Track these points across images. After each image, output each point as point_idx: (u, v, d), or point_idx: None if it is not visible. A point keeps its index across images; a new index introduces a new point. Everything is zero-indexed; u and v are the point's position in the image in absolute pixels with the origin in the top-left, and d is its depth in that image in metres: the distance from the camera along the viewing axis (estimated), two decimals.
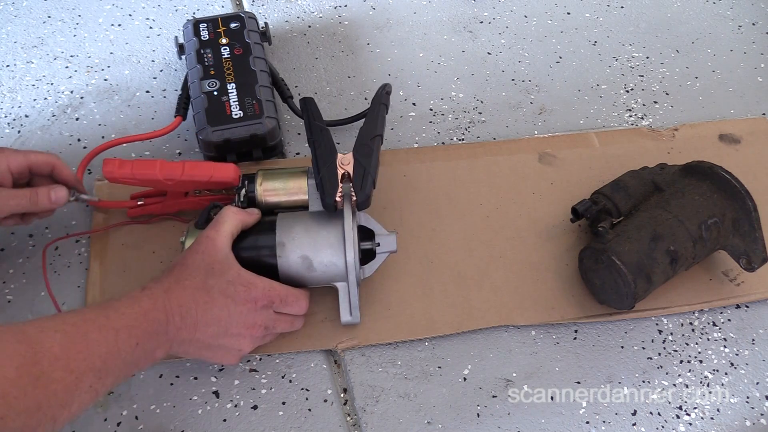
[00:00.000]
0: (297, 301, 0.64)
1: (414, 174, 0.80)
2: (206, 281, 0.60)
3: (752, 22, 1.00)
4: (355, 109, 0.85)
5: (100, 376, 0.51)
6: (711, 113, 0.89)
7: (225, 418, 0.65)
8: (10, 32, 0.93)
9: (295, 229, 0.65)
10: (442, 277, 0.73)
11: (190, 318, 0.58)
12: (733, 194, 0.68)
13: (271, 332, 0.65)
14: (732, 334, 0.71)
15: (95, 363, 0.50)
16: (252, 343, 0.63)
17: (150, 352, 0.56)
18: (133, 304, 0.55)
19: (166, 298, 0.57)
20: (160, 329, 0.56)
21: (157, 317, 0.56)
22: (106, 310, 0.54)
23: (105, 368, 0.51)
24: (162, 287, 0.58)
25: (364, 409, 0.66)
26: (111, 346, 0.52)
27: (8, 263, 0.72)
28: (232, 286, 0.60)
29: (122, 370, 0.54)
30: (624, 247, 0.65)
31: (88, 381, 0.50)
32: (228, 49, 0.82)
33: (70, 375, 0.48)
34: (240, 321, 0.61)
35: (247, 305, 0.61)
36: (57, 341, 0.49)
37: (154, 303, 0.56)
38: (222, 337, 0.61)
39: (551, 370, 0.68)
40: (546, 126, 0.87)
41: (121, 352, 0.52)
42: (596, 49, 0.95)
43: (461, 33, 0.96)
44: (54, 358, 0.48)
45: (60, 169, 0.68)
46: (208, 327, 0.59)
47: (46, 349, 0.48)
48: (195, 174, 0.70)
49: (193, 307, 0.58)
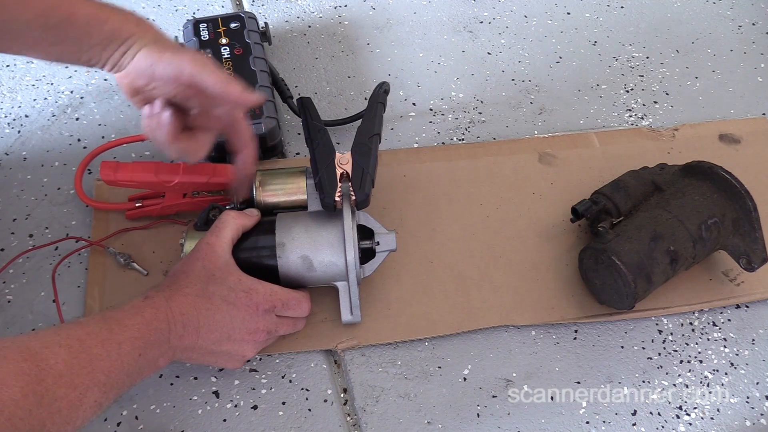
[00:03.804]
0: (299, 304, 0.64)
1: (414, 174, 0.80)
2: (207, 288, 0.60)
3: (752, 22, 1.00)
4: (355, 109, 0.85)
5: (105, 390, 0.51)
6: (711, 113, 0.89)
7: (225, 418, 0.65)
8: None
9: (295, 229, 0.65)
10: (442, 277, 0.73)
11: (192, 325, 0.58)
12: (733, 194, 0.68)
13: (274, 336, 0.65)
14: (732, 334, 0.71)
15: (99, 378, 0.50)
16: (255, 348, 0.63)
17: (153, 361, 0.56)
18: (135, 314, 0.55)
19: (168, 307, 0.57)
20: (162, 338, 0.56)
21: (159, 327, 0.56)
22: (109, 323, 0.53)
23: (109, 382, 0.51)
24: (164, 295, 0.58)
25: (364, 409, 0.65)
26: (114, 360, 0.52)
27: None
28: (233, 293, 0.60)
29: (125, 382, 0.54)
30: (624, 247, 0.65)
31: (93, 396, 0.50)
32: (228, 49, 0.82)
33: (74, 391, 0.48)
34: (242, 327, 0.61)
35: (249, 311, 0.61)
36: (62, 357, 0.48)
37: (156, 312, 0.56)
38: (225, 343, 0.60)
39: (551, 370, 0.68)
40: (546, 126, 0.87)
41: (124, 365, 0.53)
42: (596, 49, 0.95)
43: (461, 33, 0.96)
44: (58, 375, 0.48)
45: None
46: (210, 334, 0.59)
47: (51, 366, 0.48)
48: (193, 175, 0.70)
49: (194, 314, 0.58)
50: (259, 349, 0.64)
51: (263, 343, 0.64)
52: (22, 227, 0.75)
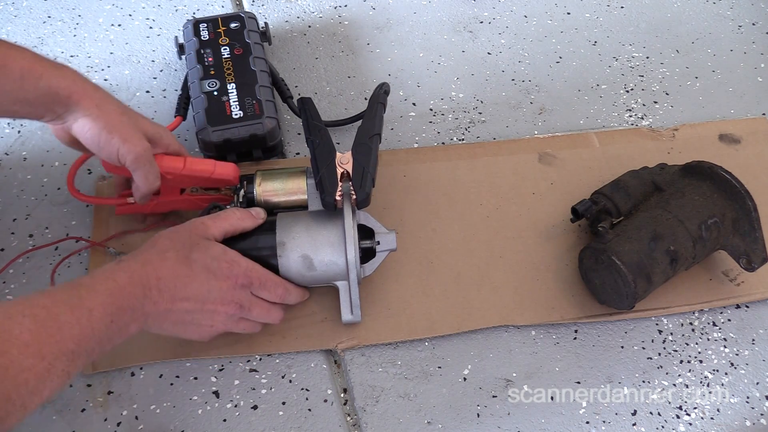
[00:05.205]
0: (275, 287, 0.64)
1: (414, 174, 0.80)
2: (190, 254, 0.59)
3: (752, 22, 1.00)
4: (355, 109, 0.85)
5: (73, 358, 0.49)
6: (711, 113, 0.89)
7: (225, 418, 0.65)
8: (10, 32, 0.93)
9: (295, 228, 0.65)
10: (442, 277, 0.73)
11: (168, 291, 0.57)
12: (733, 194, 0.68)
13: (247, 316, 0.63)
14: (732, 334, 0.71)
15: (68, 346, 0.49)
16: (225, 322, 0.62)
17: (124, 328, 0.54)
18: (107, 279, 0.54)
19: (144, 272, 0.56)
20: (136, 304, 0.55)
21: (134, 291, 0.55)
22: (78, 289, 0.52)
23: (78, 350, 0.49)
24: (140, 260, 0.57)
25: (364, 409, 0.65)
26: (84, 327, 0.50)
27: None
28: (215, 261, 0.60)
29: (95, 350, 0.52)
30: (624, 247, 0.65)
31: (61, 365, 0.48)
32: (228, 49, 0.82)
33: (42, 362, 0.47)
34: (217, 297, 0.60)
35: (228, 282, 0.61)
36: (26, 327, 0.47)
37: (130, 277, 0.55)
38: (197, 312, 0.60)
39: (551, 370, 0.68)
40: (546, 126, 0.87)
41: (95, 332, 0.51)
42: (596, 49, 0.95)
43: (461, 33, 0.96)
44: (24, 346, 0.46)
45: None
46: (184, 301, 0.58)
47: (15, 337, 0.46)
48: (197, 169, 0.69)
49: (171, 279, 0.57)
50: (230, 325, 0.63)
51: (234, 320, 0.63)
52: (22, 227, 0.75)
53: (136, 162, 0.64)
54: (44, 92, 0.60)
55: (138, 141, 0.64)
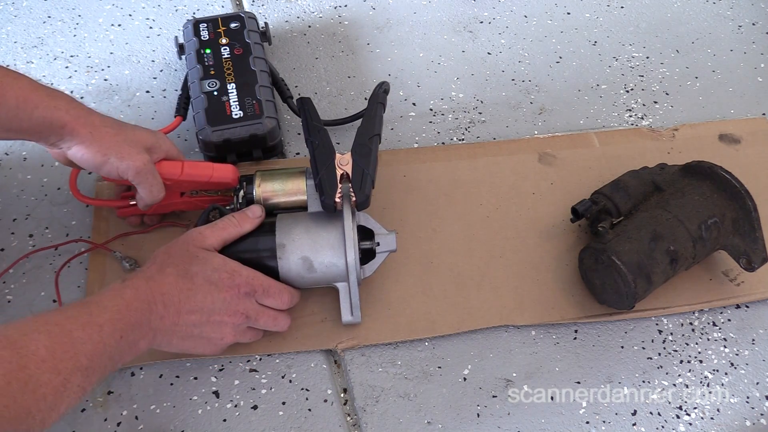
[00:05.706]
0: (279, 294, 0.64)
1: (414, 174, 0.80)
2: (190, 268, 0.60)
3: (752, 22, 1.00)
4: (355, 109, 0.85)
5: (87, 374, 0.50)
6: (711, 113, 0.89)
7: (225, 418, 0.65)
8: (10, 32, 0.93)
9: (295, 230, 0.65)
10: (442, 277, 0.73)
11: (173, 306, 0.58)
12: (733, 194, 0.68)
13: (254, 324, 0.64)
14: (732, 334, 0.71)
15: (82, 362, 0.50)
16: (234, 333, 0.63)
17: (133, 344, 0.55)
18: (115, 296, 0.55)
19: (148, 287, 0.57)
20: (143, 319, 0.56)
21: (140, 307, 0.56)
22: (89, 306, 0.53)
23: (91, 366, 0.51)
24: (144, 276, 0.58)
25: (364, 409, 0.66)
26: (96, 343, 0.51)
27: (8, 263, 0.72)
28: (216, 273, 0.61)
29: (107, 366, 0.53)
30: (624, 247, 0.65)
31: (76, 380, 0.49)
32: (228, 49, 0.82)
33: (58, 377, 0.48)
34: (222, 308, 0.61)
35: (231, 292, 0.61)
36: (42, 343, 0.48)
37: (136, 293, 0.56)
38: (205, 325, 0.60)
39: (551, 370, 0.68)
40: (546, 126, 0.87)
41: (107, 348, 0.52)
42: (596, 49, 0.95)
43: (461, 33, 0.96)
44: (40, 361, 0.47)
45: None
46: (190, 314, 0.59)
47: (32, 352, 0.47)
48: (194, 174, 0.69)
49: (175, 294, 0.58)
50: (239, 336, 0.63)
51: (242, 330, 0.63)
52: (22, 227, 0.75)
53: (138, 176, 0.65)
54: (39, 122, 0.61)
55: (136, 156, 0.64)
